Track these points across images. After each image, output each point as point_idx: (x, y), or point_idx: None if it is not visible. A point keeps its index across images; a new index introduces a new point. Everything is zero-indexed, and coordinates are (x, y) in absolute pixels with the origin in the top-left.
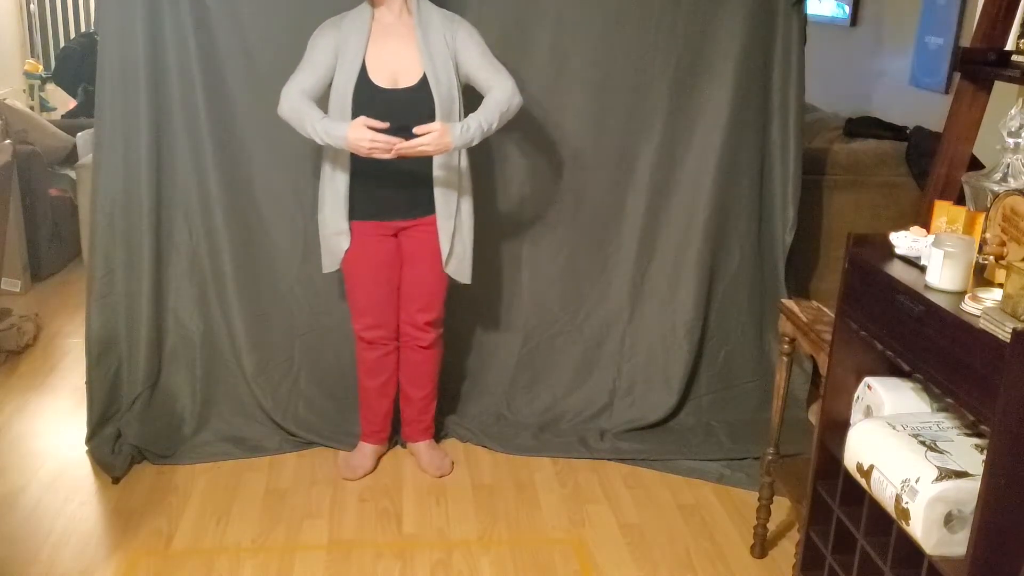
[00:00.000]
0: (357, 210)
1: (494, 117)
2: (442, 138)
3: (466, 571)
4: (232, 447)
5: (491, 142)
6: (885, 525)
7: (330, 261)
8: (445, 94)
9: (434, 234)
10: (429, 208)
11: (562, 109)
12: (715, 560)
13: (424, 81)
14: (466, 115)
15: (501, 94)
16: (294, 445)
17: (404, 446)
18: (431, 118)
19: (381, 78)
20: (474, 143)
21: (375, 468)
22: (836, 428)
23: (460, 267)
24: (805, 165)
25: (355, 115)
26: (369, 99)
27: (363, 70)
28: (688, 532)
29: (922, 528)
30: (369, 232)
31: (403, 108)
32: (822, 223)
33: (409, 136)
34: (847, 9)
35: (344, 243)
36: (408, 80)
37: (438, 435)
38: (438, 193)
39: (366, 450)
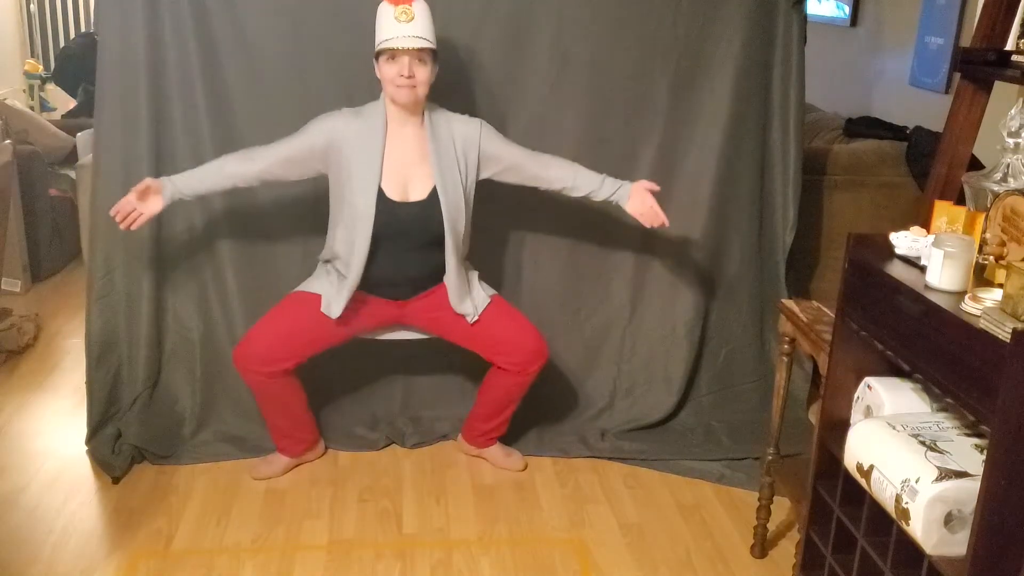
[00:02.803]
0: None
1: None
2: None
3: (466, 571)
4: (231, 447)
5: None
6: (885, 525)
7: (307, 287)
8: (453, 206)
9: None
10: (437, 280)
11: (562, 109)
12: (715, 560)
13: (434, 194)
14: (471, 227)
15: (568, 164)
16: None
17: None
18: (440, 231)
19: (393, 190)
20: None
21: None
22: (836, 428)
23: (471, 308)
24: (805, 165)
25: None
26: (381, 212)
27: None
28: (688, 532)
29: (922, 528)
30: (365, 299)
31: (413, 222)
32: (822, 223)
33: (416, 243)
34: (847, 9)
35: (333, 312)
36: (418, 192)
37: (437, 436)
38: (452, 293)
39: (284, 461)
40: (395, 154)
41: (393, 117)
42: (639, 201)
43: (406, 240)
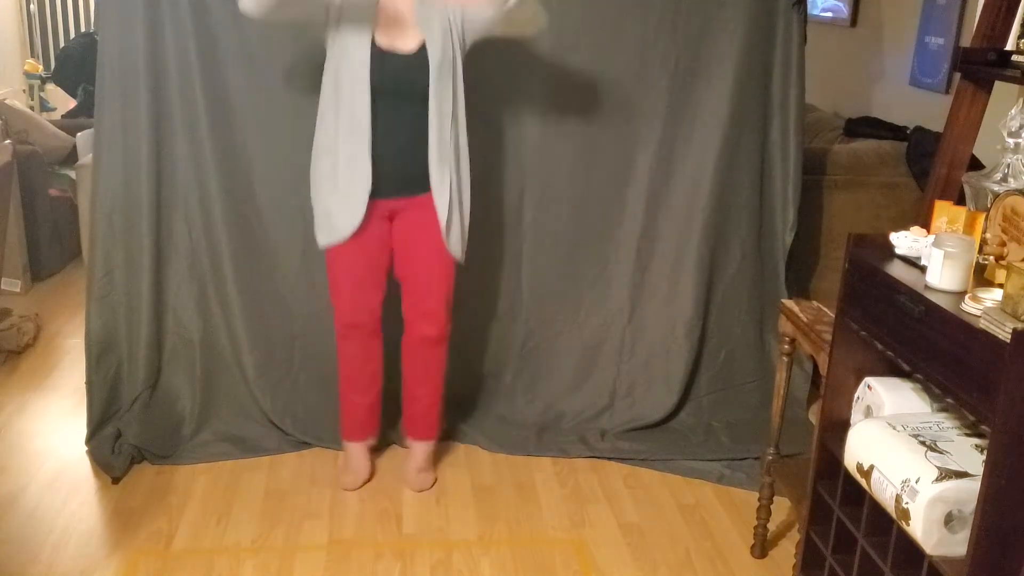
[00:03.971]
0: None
1: None
2: None
3: (466, 571)
4: (231, 447)
5: (490, 143)
6: (885, 525)
7: (325, 237)
8: (439, 61)
9: (432, 212)
10: (426, 185)
11: (562, 109)
12: (715, 560)
13: (423, 47)
14: (464, 84)
15: None
16: (293, 445)
17: (402, 445)
18: (427, 84)
19: (383, 40)
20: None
21: (373, 470)
22: (836, 428)
23: (456, 244)
24: (805, 165)
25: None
26: (374, 62)
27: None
28: (688, 532)
29: (922, 528)
30: (367, 213)
31: (402, 73)
32: (822, 223)
33: (404, 101)
34: (847, 9)
35: (352, 224)
36: (407, 44)
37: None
38: (433, 167)
39: (355, 451)
40: (387, 6)
41: None
42: None
43: (397, 96)
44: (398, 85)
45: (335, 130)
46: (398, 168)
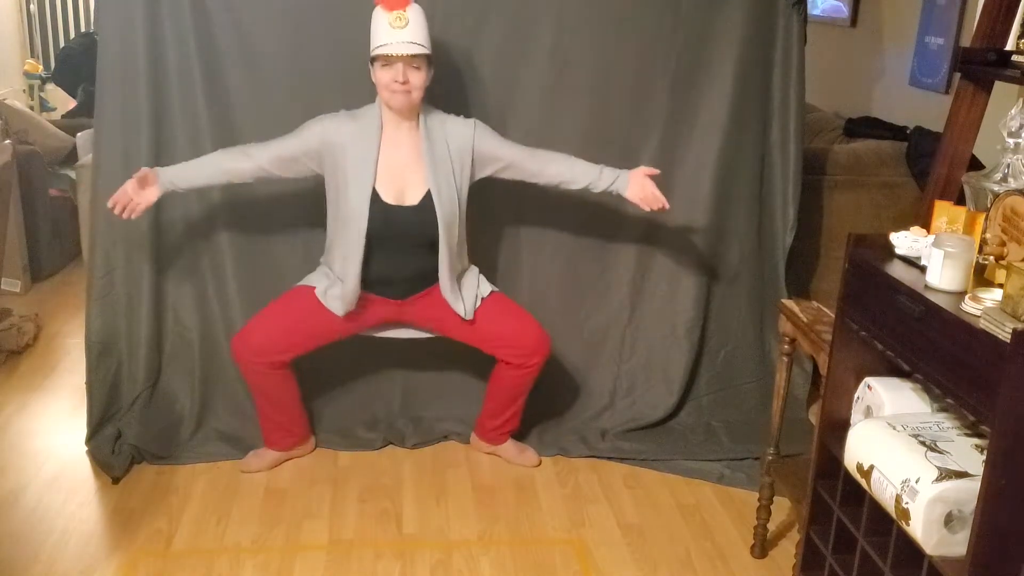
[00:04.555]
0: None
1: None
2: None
3: (466, 571)
4: (230, 447)
5: None
6: (885, 525)
7: (310, 282)
8: (447, 210)
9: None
10: (433, 280)
11: (562, 110)
12: (715, 560)
13: (428, 197)
14: (466, 229)
15: (574, 159)
16: None
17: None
18: (434, 233)
19: (388, 193)
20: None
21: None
22: (836, 428)
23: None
24: (805, 165)
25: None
26: (376, 215)
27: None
28: (688, 532)
29: (922, 528)
30: (364, 296)
31: (408, 225)
32: (822, 223)
33: (410, 246)
34: (847, 9)
35: (330, 301)
36: (413, 195)
37: (437, 436)
38: (447, 293)
39: (274, 457)
40: (390, 157)
41: (388, 120)
42: (638, 187)
43: (401, 242)
44: (401, 236)
45: (337, 241)
46: (406, 284)
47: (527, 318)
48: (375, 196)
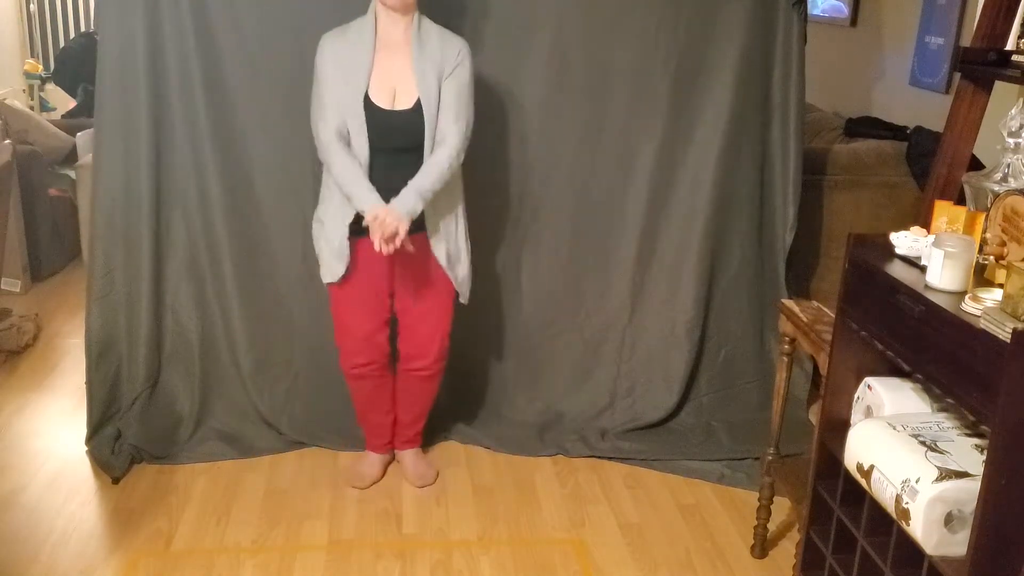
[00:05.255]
0: (355, 226)
1: (435, 183)
2: (390, 223)
3: (466, 571)
4: (227, 447)
5: (490, 143)
6: (885, 525)
7: (329, 272)
8: (433, 117)
9: (430, 248)
10: (422, 225)
11: (562, 110)
12: (715, 560)
13: (419, 103)
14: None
15: (444, 155)
16: (288, 445)
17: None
18: (423, 135)
19: (381, 98)
20: (418, 211)
21: (383, 476)
22: (836, 428)
23: (463, 285)
24: (805, 165)
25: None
26: (370, 119)
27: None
28: (688, 532)
29: (922, 528)
30: (366, 250)
31: (400, 129)
32: (822, 223)
33: (403, 156)
34: (847, 9)
35: (344, 261)
36: (405, 101)
37: (438, 436)
38: (430, 219)
39: (374, 459)
40: (385, 62)
41: (383, 21)
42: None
43: (394, 149)
44: (393, 141)
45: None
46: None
47: (446, 331)
48: (370, 101)
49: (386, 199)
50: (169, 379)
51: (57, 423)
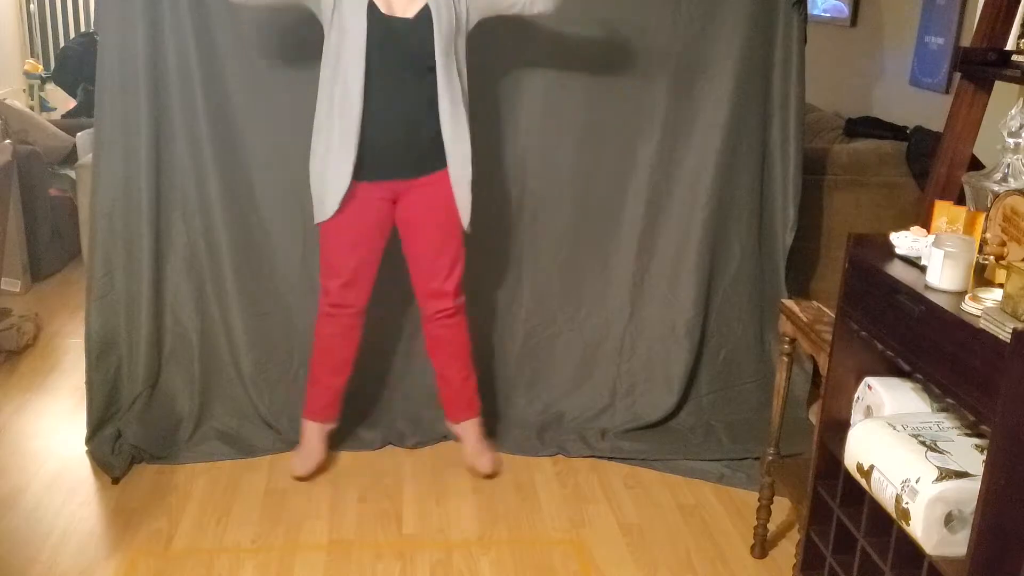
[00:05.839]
0: (356, 169)
1: None
2: None
3: (466, 571)
4: (229, 447)
5: (490, 143)
6: (885, 525)
7: (321, 212)
8: (446, 29)
9: (441, 188)
10: (434, 163)
11: (562, 110)
12: (715, 560)
13: (425, 12)
14: (465, 56)
15: None
16: (288, 445)
17: (452, 436)
18: (431, 52)
19: (382, 4)
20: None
21: (325, 456)
22: (836, 428)
23: (465, 212)
24: (805, 165)
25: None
26: (372, 27)
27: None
28: (688, 532)
29: (922, 528)
30: (366, 194)
31: (405, 38)
32: (822, 223)
33: (405, 72)
34: (847, 9)
35: (336, 201)
36: (408, 9)
37: (438, 436)
38: (449, 142)
39: (314, 431)
40: None
41: None
42: None
43: (398, 65)
44: (398, 53)
45: (330, 106)
46: (400, 147)
47: (460, 267)
48: (371, 7)
49: (391, 133)
50: (169, 379)
51: (57, 423)
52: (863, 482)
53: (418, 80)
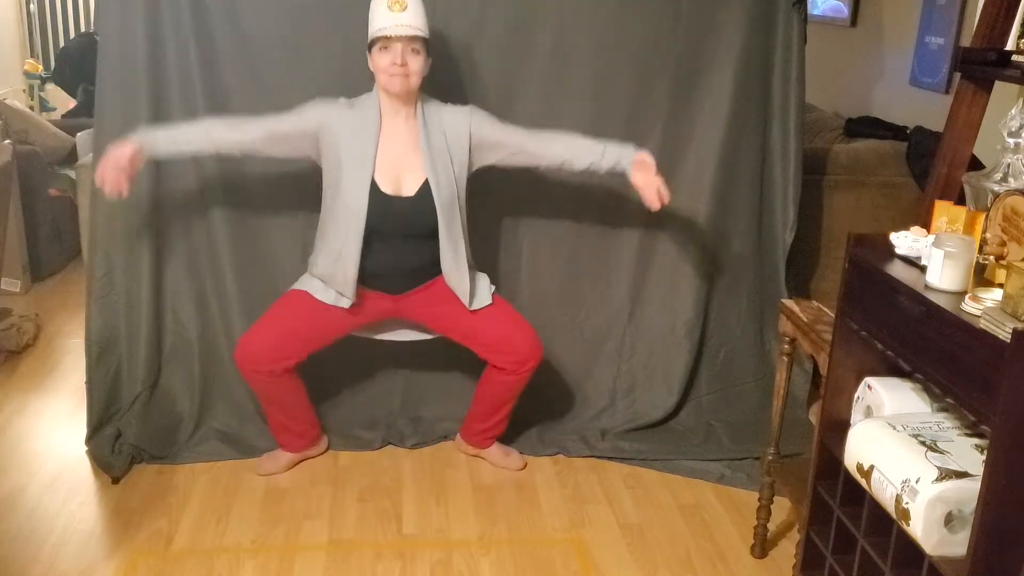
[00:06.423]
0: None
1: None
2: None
3: (466, 571)
4: (229, 447)
5: None
6: (885, 525)
7: (302, 285)
8: (446, 198)
9: (444, 288)
10: (433, 273)
11: (562, 109)
12: (715, 560)
13: (426, 186)
14: (466, 217)
15: (573, 136)
16: None
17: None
18: (434, 223)
19: (386, 184)
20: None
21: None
22: (836, 428)
23: (465, 296)
24: (805, 165)
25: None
26: (374, 206)
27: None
28: (688, 532)
29: (922, 528)
30: (362, 293)
31: (406, 216)
32: (822, 223)
33: (407, 238)
34: (847, 9)
35: (321, 295)
36: (411, 186)
37: (438, 437)
38: (452, 282)
39: (289, 458)
40: (388, 147)
41: (386, 109)
42: (644, 175)
43: (400, 234)
44: (400, 228)
45: (332, 230)
46: (407, 277)
47: (523, 324)
48: (374, 187)
49: (387, 283)
50: (169, 379)
51: (57, 423)
52: (863, 482)
53: (421, 244)
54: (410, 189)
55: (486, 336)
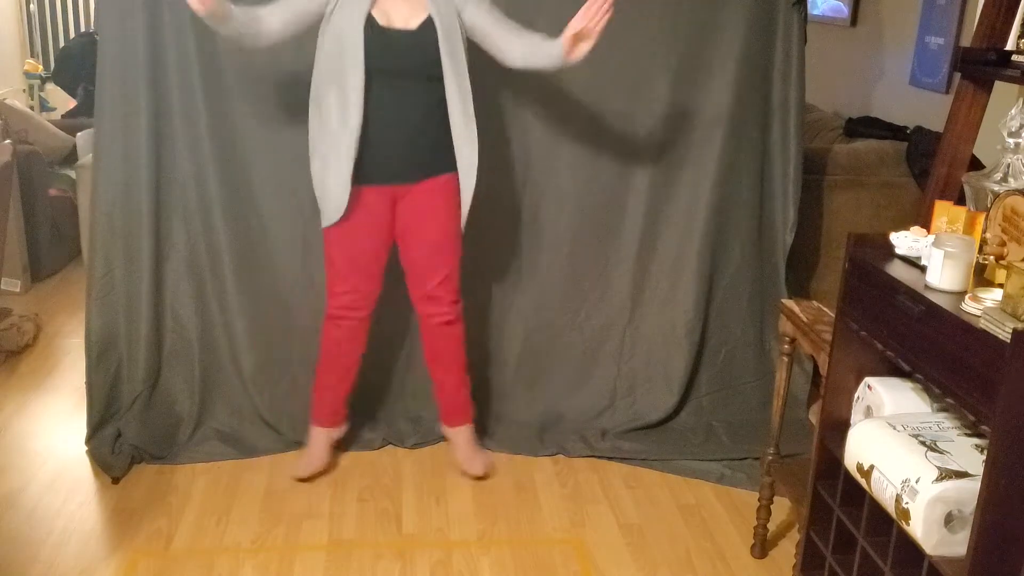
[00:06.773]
0: (357, 173)
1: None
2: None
3: (466, 571)
4: (229, 447)
5: (490, 143)
6: (885, 525)
7: (326, 216)
8: (449, 35)
9: (440, 193)
10: (434, 168)
11: (563, 110)
12: (715, 560)
13: (427, 25)
14: (469, 70)
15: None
16: (288, 445)
17: (445, 437)
18: (437, 58)
19: (381, 17)
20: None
21: (329, 461)
22: (836, 428)
23: (465, 216)
24: (805, 165)
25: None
26: (372, 40)
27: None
28: (688, 532)
29: (922, 528)
30: (368, 198)
31: (406, 51)
32: (822, 223)
33: (406, 83)
34: (847, 9)
35: (340, 207)
36: (409, 21)
37: (438, 437)
38: (461, 146)
39: (320, 436)
40: None
41: None
42: (574, 24)
43: (402, 76)
44: (399, 64)
45: (327, 111)
46: (401, 153)
47: (456, 270)
48: (371, 20)
49: (392, 139)
50: (169, 379)
51: (57, 423)
52: (863, 482)
53: (420, 88)
54: (411, 23)
55: (429, 268)
